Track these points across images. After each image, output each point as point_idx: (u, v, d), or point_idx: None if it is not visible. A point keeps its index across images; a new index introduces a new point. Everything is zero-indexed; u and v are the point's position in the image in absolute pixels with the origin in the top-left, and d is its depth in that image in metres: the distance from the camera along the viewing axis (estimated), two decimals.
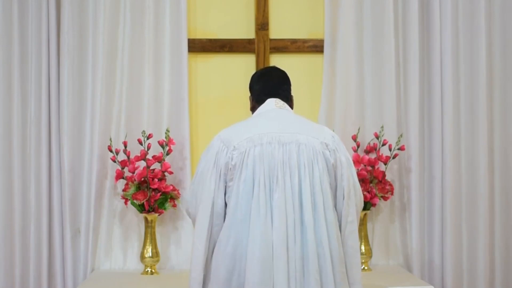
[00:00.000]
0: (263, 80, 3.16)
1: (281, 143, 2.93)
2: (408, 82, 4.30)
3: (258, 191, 2.88)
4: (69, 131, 4.17)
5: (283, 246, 2.84)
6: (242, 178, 2.90)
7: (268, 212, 2.86)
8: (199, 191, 3.01)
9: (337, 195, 2.99)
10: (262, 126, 2.99)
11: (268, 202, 2.87)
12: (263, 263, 2.83)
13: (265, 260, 2.83)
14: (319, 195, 2.90)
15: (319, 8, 4.38)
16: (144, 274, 4.11)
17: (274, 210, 2.86)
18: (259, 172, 2.89)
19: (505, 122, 4.35)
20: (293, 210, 2.87)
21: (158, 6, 4.26)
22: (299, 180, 2.90)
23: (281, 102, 3.09)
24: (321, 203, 2.90)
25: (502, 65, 4.35)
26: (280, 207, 2.86)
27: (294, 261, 2.85)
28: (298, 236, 2.87)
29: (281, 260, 2.83)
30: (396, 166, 4.30)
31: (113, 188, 4.24)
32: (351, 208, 3.00)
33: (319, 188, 2.91)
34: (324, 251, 2.88)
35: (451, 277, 4.25)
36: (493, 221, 4.34)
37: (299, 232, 2.87)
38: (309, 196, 2.89)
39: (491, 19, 4.34)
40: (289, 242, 2.85)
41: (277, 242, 2.84)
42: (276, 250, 2.84)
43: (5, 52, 4.19)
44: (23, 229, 4.19)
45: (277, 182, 2.88)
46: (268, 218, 2.86)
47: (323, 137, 2.99)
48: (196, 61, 4.36)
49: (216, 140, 3.01)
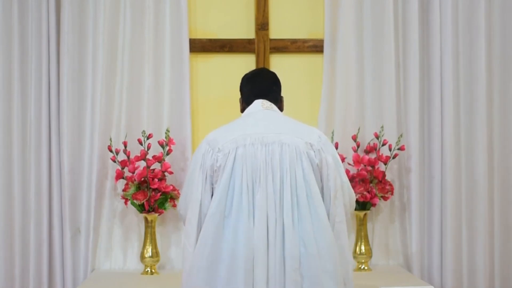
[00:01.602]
0: (252, 82, 3.16)
1: (263, 144, 2.93)
2: (408, 82, 4.30)
3: (241, 192, 2.87)
4: (69, 131, 4.17)
5: (263, 246, 2.83)
6: (225, 179, 2.90)
7: (251, 213, 2.86)
8: (188, 193, 3.03)
9: (324, 195, 2.96)
10: (247, 127, 2.99)
11: (250, 203, 2.87)
12: (246, 263, 2.83)
13: (247, 261, 2.83)
14: (302, 195, 2.89)
15: (319, 8, 4.38)
16: (144, 274, 4.12)
17: (256, 210, 2.86)
18: (242, 173, 2.89)
19: (504, 122, 4.35)
20: (274, 210, 2.86)
21: (158, 6, 4.26)
22: (280, 180, 2.89)
23: (268, 103, 3.09)
24: (306, 202, 2.88)
25: (501, 65, 4.35)
26: (261, 208, 2.85)
27: (274, 262, 2.83)
28: (279, 236, 2.85)
29: (261, 260, 2.83)
30: (396, 166, 4.30)
31: (113, 188, 4.24)
32: (339, 208, 2.97)
33: (303, 188, 2.89)
34: (308, 251, 2.85)
35: (451, 277, 4.25)
36: (492, 221, 4.33)
37: (280, 232, 2.86)
38: (289, 196, 2.87)
39: (491, 19, 4.34)
40: (270, 242, 2.84)
41: (258, 242, 2.84)
42: (256, 250, 2.83)
43: (5, 52, 4.18)
44: (23, 229, 4.19)
45: (259, 183, 2.88)
46: (251, 219, 2.85)
47: (308, 137, 2.97)
48: (196, 61, 4.36)
49: (203, 142, 3.03)
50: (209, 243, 2.88)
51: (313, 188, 2.91)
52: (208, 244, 2.88)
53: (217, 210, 2.89)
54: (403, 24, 4.32)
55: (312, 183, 2.91)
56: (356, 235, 4.19)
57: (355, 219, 4.20)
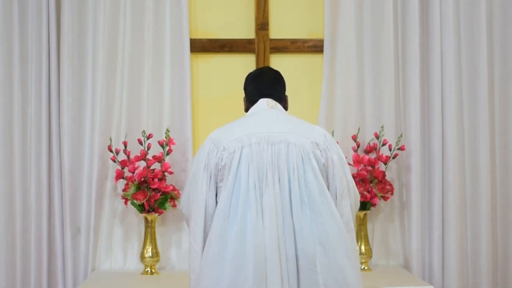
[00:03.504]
0: (256, 81, 3.15)
1: (270, 143, 2.93)
2: (408, 82, 4.30)
3: (248, 191, 2.86)
4: (69, 131, 4.17)
5: (275, 246, 2.82)
6: (231, 179, 2.89)
7: (259, 213, 2.85)
8: (192, 192, 3.01)
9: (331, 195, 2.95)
10: (252, 126, 2.98)
11: (258, 202, 2.85)
12: (256, 264, 2.81)
13: (258, 262, 2.81)
14: (315, 193, 2.88)
15: (319, 8, 4.38)
16: (144, 274, 4.12)
17: (265, 211, 2.85)
18: (248, 173, 2.88)
19: (505, 122, 4.35)
20: (283, 210, 2.85)
21: (158, 6, 4.26)
22: (288, 180, 2.88)
23: (273, 102, 3.08)
24: (319, 200, 2.88)
25: (502, 65, 4.36)
26: (270, 208, 2.84)
27: (286, 261, 2.82)
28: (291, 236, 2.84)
29: (274, 261, 2.81)
30: (396, 166, 4.30)
31: (114, 188, 4.24)
32: (346, 208, 2.98)
33: (315, 186, 2.89)
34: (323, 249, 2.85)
35: (451, 277, 4.25)
36: (494, 221, 4.33)
37: (291, 231, 2.85)
38: (299, 195, 2.87)
39: (491, 19, 4.34)
40: (281, 242, 2.83)
41: (269, 242, 2.82)
42: (268, 251, 2.82)
43: (5, 52, 4.19)
44: (23, 229, 4.19)
45: (266, 183, 2.87)
46: (259, 218, 2.84)
47: (313, 137, 2.97)
48: (197, 61, 4.36)
49: (207, 140, 3.01)
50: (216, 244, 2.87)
51: (323, 187, 2.90)
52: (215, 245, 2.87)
53: (224, 210, 2.88)
54: (403, 24, 4.32)
55: (322, 182, 2.91)
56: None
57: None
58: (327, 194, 2.91)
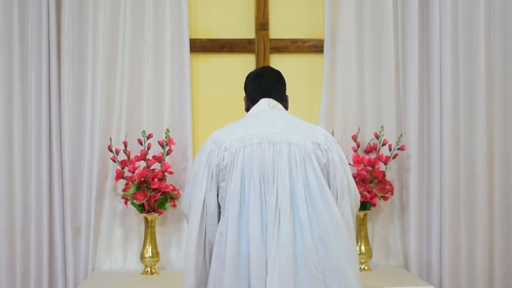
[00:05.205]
0: (257, 81, 3.15)
1: (271, 143, 2.92)
2: (408, 82, 4.30)
3: (249, 191, 2.87)
4: (69, 131, 4.18)
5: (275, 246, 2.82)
6: (233, 179, 2.89)
7: (263, 213, 2.85)
8: (192, 192, 3.01)
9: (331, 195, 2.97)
10: (254, 126, 2.98)
11: (261, 202, 2.86)
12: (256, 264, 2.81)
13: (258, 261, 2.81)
14: (316, 193, 2.88)
15: (319, 8, 4.38)
16: (144, 274, 4.12)
17: (266, 210, 2.85)
18: (250, 173, 2.88)
19: (504, 122, 4.35)
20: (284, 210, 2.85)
21: (158, 6, 4.26)
22: (290, 179, 2.88)
23: (274, 102, 3.08)
24: (320, 200, 2.88)
25: (501, 65, 4.35)
26: (271, 208, 2.84)
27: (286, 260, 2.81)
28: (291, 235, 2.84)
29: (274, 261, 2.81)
30: (396, 166, 4.30)
31: (114, 188, 4.24)
32: (346, 208, 2.98)
33: (316, 186, 2.89)
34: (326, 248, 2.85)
35: (450, 277, 4.25)
36: (492, 221, 4.33)
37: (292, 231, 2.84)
38: (303, 195, 2.87)
39: (490, 19, 4.34)
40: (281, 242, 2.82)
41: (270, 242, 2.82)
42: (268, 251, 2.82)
43: (5, 52, 4.19)
44: (24, 229, 4.19)
45: (268, 182, 2.87)
46: (260, 219, 2.84)
47: (315, 137, 2.97)
48: (197, 61, 4.36)
49: (209, 140, 3.01)
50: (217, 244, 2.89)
51: (324, 186, 2.91)
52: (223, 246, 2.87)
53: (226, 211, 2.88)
54: (403, 24, 4.33)
55: (323, 182, 2.91)
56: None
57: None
58: (328, 194, 2.91)
